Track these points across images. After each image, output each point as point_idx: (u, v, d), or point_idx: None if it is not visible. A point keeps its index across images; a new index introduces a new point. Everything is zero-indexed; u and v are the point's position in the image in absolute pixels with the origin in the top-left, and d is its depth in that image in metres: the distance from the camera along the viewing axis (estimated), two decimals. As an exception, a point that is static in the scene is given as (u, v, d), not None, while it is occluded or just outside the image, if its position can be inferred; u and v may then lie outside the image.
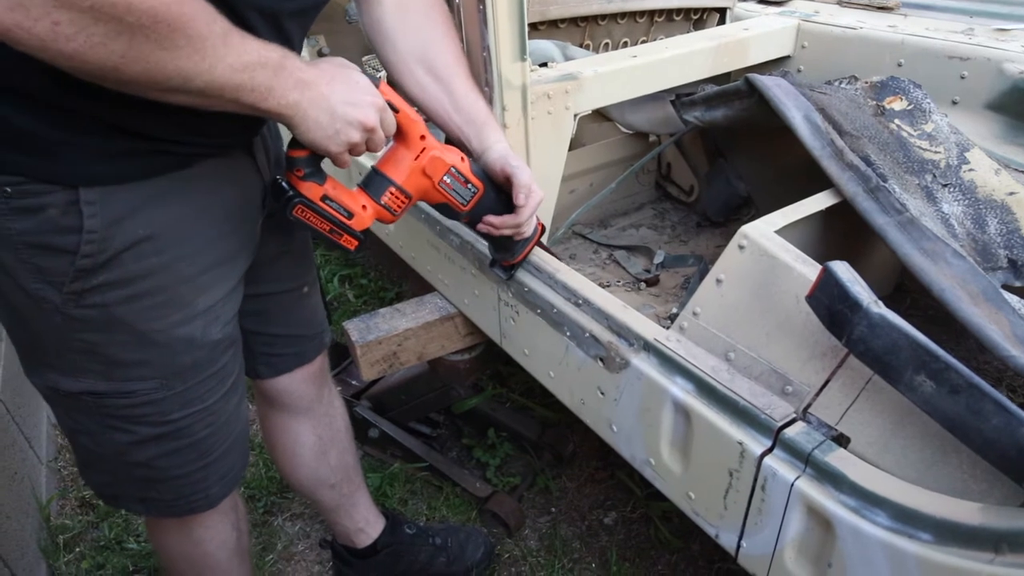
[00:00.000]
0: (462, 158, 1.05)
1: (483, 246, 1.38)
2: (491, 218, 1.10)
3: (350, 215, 0.97)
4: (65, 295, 0.80)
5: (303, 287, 1.21)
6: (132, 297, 0.84)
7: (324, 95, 0.82)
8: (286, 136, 0.92)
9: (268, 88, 0.76)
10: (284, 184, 0.94)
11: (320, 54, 2.41)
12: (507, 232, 1.12)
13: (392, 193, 1.01)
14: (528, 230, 1.16)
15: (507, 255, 1.23)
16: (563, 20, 1.78)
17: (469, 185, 1.06)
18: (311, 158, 0.91)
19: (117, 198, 0.79)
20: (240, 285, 0.99)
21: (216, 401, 0.97)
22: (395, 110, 0.92)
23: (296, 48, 0.90)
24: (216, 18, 0.71)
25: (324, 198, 0.94)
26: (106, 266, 0.81)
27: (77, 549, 1.72)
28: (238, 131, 0.92)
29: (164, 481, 0.99)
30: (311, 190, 0.93)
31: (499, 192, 1.10)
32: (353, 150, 0.88)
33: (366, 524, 1.51)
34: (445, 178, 1.03)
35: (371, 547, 1.52)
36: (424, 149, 1.00)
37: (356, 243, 1.00)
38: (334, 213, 0.95)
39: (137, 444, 0.93)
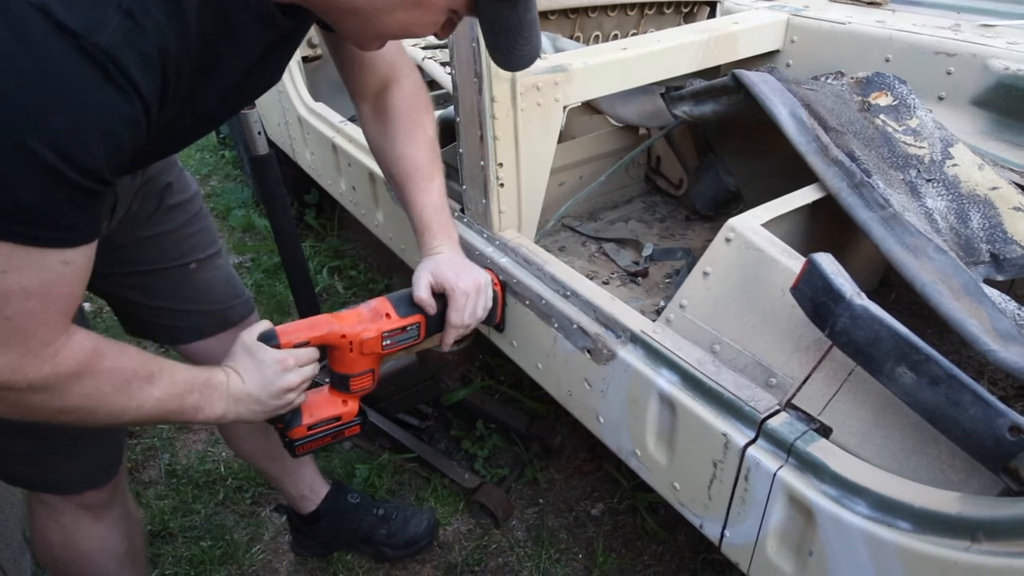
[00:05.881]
0: (387, 314, 1.09)
1: (472, 238, 1.38)
2: (443, 341, 1.18)
3: (338, 418, 1.11)
4: None
5: (189, 264, 1.22)
6: None
7: (244, 396, 0.95)
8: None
9: (196, 407, 0.90)
10: (281, 437, 1.09)
11: (310, 44, 2.39)
12: (462, 335, 1.18)
13: (355, 380, 1.10)
14: (479, 317, 1.19)
15: (489, 321, 1.28)
16: (553, 12, 1.78)
17: (408, 328, 1.11)
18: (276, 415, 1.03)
19: None
20: None
21: None
22: (306, 344, 1.00)
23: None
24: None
25: (310, 427, 1.08)
26: None
27: (63, 540, 1.72)
28: None
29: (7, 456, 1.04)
30: (298, 432, 1.08)
31: (442, 301, 1.14)
32: (297, 398, 1.02)
33: (310, 492, 1.58)
34: (384, 342, 1.09)
35: (314, 513, 1.59)
36: (351, 342, 1.05)
37: (359, 427, 1.15)
38: (325, 428, 1.10)
39: None
